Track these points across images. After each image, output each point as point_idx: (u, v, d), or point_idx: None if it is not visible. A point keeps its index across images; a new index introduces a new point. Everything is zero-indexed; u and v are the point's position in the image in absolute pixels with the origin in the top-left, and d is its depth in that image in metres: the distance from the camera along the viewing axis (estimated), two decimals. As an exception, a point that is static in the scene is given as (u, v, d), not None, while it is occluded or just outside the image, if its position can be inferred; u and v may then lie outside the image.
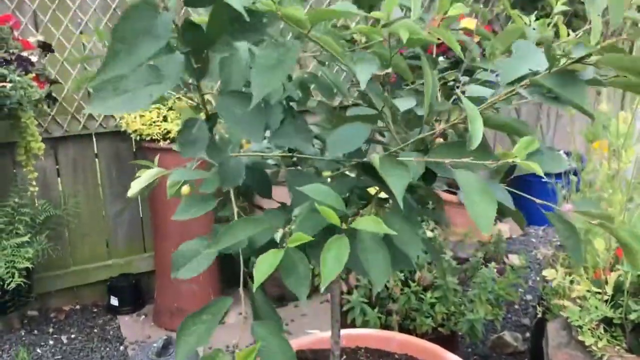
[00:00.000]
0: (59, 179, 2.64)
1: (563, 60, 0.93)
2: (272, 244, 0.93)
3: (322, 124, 1.22)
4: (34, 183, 2.21)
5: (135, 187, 1.15)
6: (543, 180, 2.98)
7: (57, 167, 2.63)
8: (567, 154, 3.57)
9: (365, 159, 0.97)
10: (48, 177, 2.60)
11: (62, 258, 2.66)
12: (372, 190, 1.12)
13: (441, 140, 1.13)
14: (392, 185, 0.81)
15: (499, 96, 0.96)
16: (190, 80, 0.88)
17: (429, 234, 2.29)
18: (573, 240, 0.94)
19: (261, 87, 0.73)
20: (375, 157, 0.87)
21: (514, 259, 2.51)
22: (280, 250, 0.81)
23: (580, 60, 0.90)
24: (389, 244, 0.91)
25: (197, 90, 0.87)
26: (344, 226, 0.85)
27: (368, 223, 0.84)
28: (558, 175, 2.84)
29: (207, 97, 0.92)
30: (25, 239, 2.24)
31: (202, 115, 0.90)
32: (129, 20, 0.68)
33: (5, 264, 2.11)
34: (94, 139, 2.66)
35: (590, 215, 0.92)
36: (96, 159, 2.70)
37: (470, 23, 2.82)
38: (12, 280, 2.11)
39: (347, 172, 1.10)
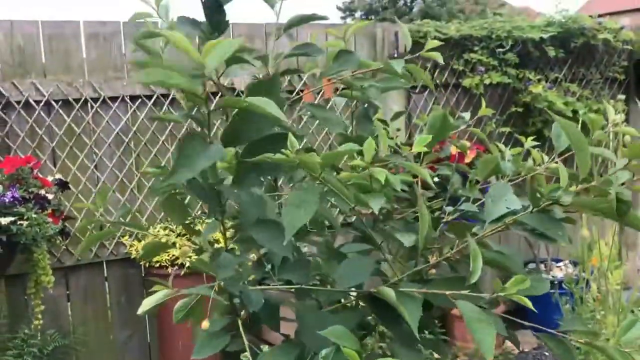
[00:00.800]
0: (68, 304, 2.69)
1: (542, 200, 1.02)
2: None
3: (319, 255, 1.30)
4: (39, 316, 2.25)
5: (146, 305, 1.20)
6: (550, 292, 2.99)
7: (68, 293, 2.68)
8: (574, 263, 3.60)
9: (373, 290, 1.02)
10: (58, 305, 2.64)
11: (68, 388, 2.64)
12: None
13: (434, 270, 1.19)
14: (409, 316, 0.87)
15: (485, 232, 1.04)
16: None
17: (436, 354, 2.28)
18: (563, 350, 0.98)
19: (292, 224, 0.84)
20: (387, 290, 0.93)
21: (526, 377, 2.46)
22: None
23: (556, 202, 0.98)
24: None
25: (222, 224, 0.97)
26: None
27: None
28: (561, 287, 2.86)
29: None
30: (33, 371, 2.25)
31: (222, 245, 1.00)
32: (191, 143, 0.84)
33: (11, 399, 2.10)
34: (105, 267, 2.73)
35: (578, 334, 0.97)
36: (106, 286, 2.76)
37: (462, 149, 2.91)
38: (16, 416, 2.09)
39: (347, 304, 1.15)
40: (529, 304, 0.84)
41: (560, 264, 3.61)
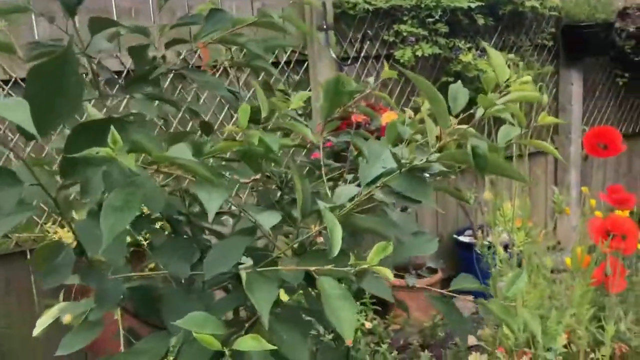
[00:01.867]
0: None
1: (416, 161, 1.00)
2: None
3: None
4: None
5: (40, 325, 1.15)
6: (479, 255, 3.05)
7: (-10, 286, 2.58)
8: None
9: (235, 272, 0.97)
10: (-20, 299, 2.54)
11: (-5, 384, 2.55)
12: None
13: (321, 239, 1.16)
14: (257, 303, 0.83)
15: (359, 198, 1.00)
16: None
17: (368, 324, 2.29)
18: (455, 316, 0.98)
19: (110, 230, 0.75)
20: (243, 272, 0.88)
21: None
22: None
23: (425, 161, 0.96)
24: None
25: (63, 218, 0.90)
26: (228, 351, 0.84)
27: (249, 343, 0.82)
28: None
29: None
30: (-49, 368, 2.15)
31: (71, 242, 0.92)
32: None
33: None
34: (28, 255, 2.63)
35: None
36: (31, 276, 2.66)
37: (391, 116, 2.95)
38: None
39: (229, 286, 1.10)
40: (390, 275, 0.82)
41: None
